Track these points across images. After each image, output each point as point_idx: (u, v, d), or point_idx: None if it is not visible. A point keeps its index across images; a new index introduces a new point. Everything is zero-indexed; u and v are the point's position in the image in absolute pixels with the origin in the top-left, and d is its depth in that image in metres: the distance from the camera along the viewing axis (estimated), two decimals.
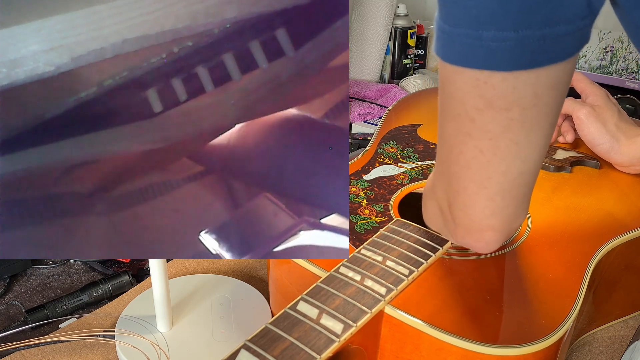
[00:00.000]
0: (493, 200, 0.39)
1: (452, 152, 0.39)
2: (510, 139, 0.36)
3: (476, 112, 0.36)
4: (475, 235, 0.42)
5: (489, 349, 0.42)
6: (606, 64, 1.13)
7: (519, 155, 0.37)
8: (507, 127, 0.36)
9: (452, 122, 0.38)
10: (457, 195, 0.41)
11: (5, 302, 0.65)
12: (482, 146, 0.37)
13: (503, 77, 0.33)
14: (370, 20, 1.21)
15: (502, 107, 0.35)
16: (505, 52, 0.32)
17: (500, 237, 0.42)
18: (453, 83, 0.36)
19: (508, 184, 0.39)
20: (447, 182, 0.42)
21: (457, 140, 0.38)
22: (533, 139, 0.37)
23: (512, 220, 0.41)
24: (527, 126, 0.36)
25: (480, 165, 0.38)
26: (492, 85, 0.34)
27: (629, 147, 0.65)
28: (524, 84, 0.34)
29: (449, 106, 0.38)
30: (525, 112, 0.35)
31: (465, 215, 0.41)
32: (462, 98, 0.36)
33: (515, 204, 0.40)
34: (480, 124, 0.36)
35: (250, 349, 0.39)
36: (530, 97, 0.34)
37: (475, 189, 0.39)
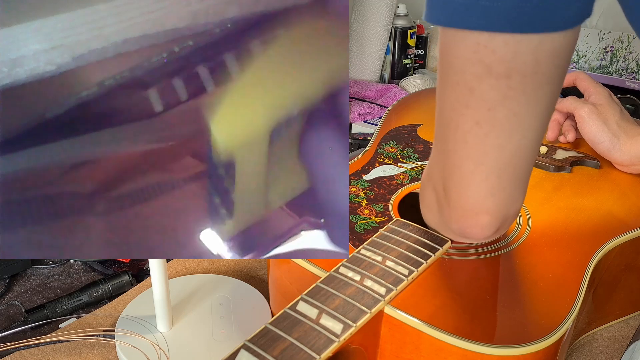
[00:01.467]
0: (489, 179, 0.39)
1: (450, 126, 0.39)
2: (510, 109, 0.36)
3: (475, 79, 0.35)
4: (469, 220, 0.41)
5: (488, 349, 0.42)
6: (606, 64, 1.13)
7: (517, 128, 0.36)
8: (506, 97, 0.35)
9: (450, 93, 0.37)
10: (452, 174, 0.40)
11: (5, 302, 0.65)
12: (480, 118, 0.36)
13: (504, 41, 0.33)
14: (370, 20, 1.21)
15: (501, 73, 0.34)
16: (506, 13, 0.32)
17: (495, 222, 0.41)
18: (453, 50, 0.35)
19: (505, 160, 0.38)
20: (443, 161, 0.41)
21: (454, 113, 0.38)
22: (532, 111, 0.36)
23: (508, 204, 0.40)
24: (526, 96, 0.35)
25: (477, 139, 0.37)
26: (493, 50, 0.33)
27: (630, 146, 0.65)
28: (525, 49, 0.33)
29: (447, 77, 0.37)
30: (526, 81, 0.34)
31: (460, 197, 0.41)
32: (461, 65, 0.35)
33: (511, 185, 0.39)
34: (479, 93, 0.36)
35: (250, 349, 0.39)
36: (531, 64, 0.34)
37: (471, 166, 0.39)
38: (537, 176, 0.66)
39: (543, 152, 0.70)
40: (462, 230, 0.43)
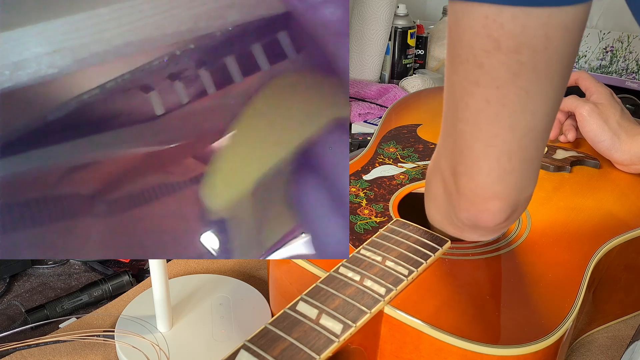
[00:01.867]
0: (499, 161, 0.38)
1: (459, 106, 0.38)
2: (520, 86, 0.35)
3: (485, 55, 0.34)
4: (479, 205, 0.40)
5: (488, 349, 0.42)
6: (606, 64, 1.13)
7: (528, 107, 0.35)
8: (517, 73, 0.34)
9: (459, 70, 0.36)
10: (462, 158, 0.39)
11: (5, 302, 0.65)
12: (490, 96, 0.35)
13: (513, 14, 0.32)
14: (370, 20, 1.21)
15: (511, 48, 0.33)
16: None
17: (506, 207, 0.40)
18: (461, 24, 0.34)
19: (516, 142, 0.37)
20: (452, 144, 0.40)
21: (463, 92, 0.37)
22: (543, 89, 0.35)
23: (519, 189, 0.39)
24: (537, 73, 0.34)
25: (487, 119, 0.36)
26: (501, 24, 0.33)
27: (630, 145, 0.65)
28: (535, 23, 0.32)
29: (456, 54, 0.36)
30: (536, 56, 0.33)
31: (469, 181, 0.40)
32: (470, 40, 0.34)
33: (522, 168, 0.38)
34: (488, 69, 0.35)
35: (249, 349, 0.39)
36: (541, 38, 0.33)
37: (481, 148, 0.38)
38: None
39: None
40: (473, 218, 0.42)
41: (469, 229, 0.45)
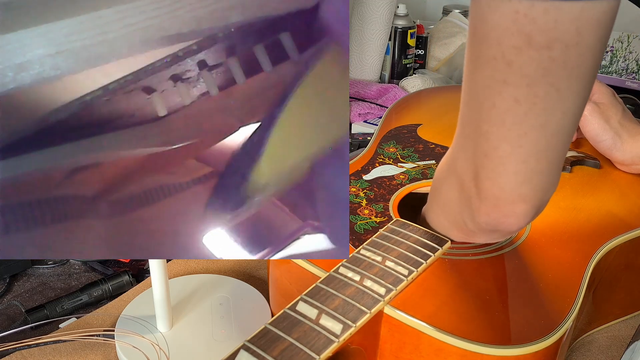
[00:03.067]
0: (527, 162, 0.37)
1: (483, 107, 0.37)
2: (551, 83, 0.34)
3: (514, 52, 0.33)
4: (504, 209, 0.39)
5: (488, 349, 0.42)
6: (606, 64, 1.13)
7: (558, 105, 0.35)
8: (547, 70, 0.33)
9: (485, 70, 0.35)
10: (486, 160, 0.38)
11: (5, 302, 0.65)
12: (519, 94, 0.34)
13: (545, 9, 0.31)
14: (370, 20, 1.21)
15: (542, 44, 0.32)
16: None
17: (531, 210, 0.39)
18: (489, 20, 0.34)
19: (545, 142, 0.36)
20: (473, 147, 0.39)
21: (490, 92, 0.36)
22: (574, 86, 0.34)
23: (545, 190, 0.39)
24: (568, 69, 0.33)
25: (516, 118, 0.35)
26: (533, 19, 0.32)
27: (631, 144, 0.65)
28: (567, 18, 0.32)
29: (482, 52, 0.35)
30: (568, 52, 0.33)
31: (493, 184, 0.38)
32: (498, 37, 0.33)
33: (549, 169, 0.38)
34: (518, 67, 0.34)
35: (249, 349, 0.39)
36: (573, 33, 0.32)
37: (508, 149, 0.37)
38: None
39: None
40: (494, 222, 0.41)
41: (484, 233, 0.44)
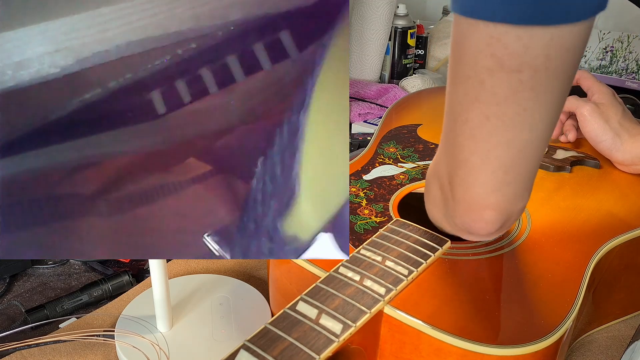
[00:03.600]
0: (495, 174, 0.39)
1: (458, 120, 0.39)
2: (519, 104, 0.36)
3: (486, 73, 0.35)
4: (474, 214, 0.41)
5: (488, 349, 0.42)
6: (606, 64, 1.13)
7: (526, 124, 0.36)
8: (517, 91, 0.35)
9: (461, 86, 0.37)
10: (459, 169, 0.40)
11: (5, 302, 0.65)
12: (489, 112, 0.36)
13: (517, 35, 0.33)
14: (370, 20, 1.21)
15: (513, 67, 0.34)
16: (524, 5, 0.32)
17: (499, 217, 0.41)
18: (466, 41, 0.35)
19: (512, 156, 0.38)
20: (450, 154, 0.41)
21: (464, 107, 0.38)
22: (542, 107, 0.36)
23: (514, 201, 0.40)
24: (536, 91, 0.35)
25: (486, 133, 0.37)
26: (505, 44, 0.34)
27: (631, 145, 0.65)
28: (537, 44, 0.33)
29: (459, 69, 0.37)
30: (536, 76, 0.34)
31: (465, 191, 0.41)
32: (473, 58, 0.35)
33: (517, 182, 0.39)
34: (490, 87, 0.36)
35: (249, 349, 0.39)
36: (542, 58, 0.34)
37: (478, 161, 0.39)
38: (537, 176, 0.66)
39: None
40: (467, 225, 0.43)
41: (461, 233, 0.46)
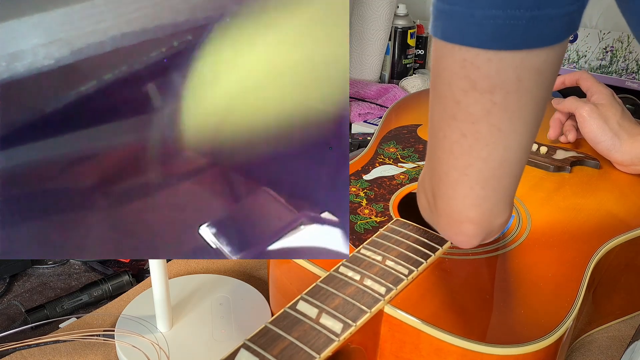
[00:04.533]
0: (473, 189, 0.40)
1: (437, 136, 0.40)
2: (493, 123, 0.37)
3: (461, 93, 0.36)
4: (454, 228, 0.42)
5: (488, 348, 0.42)
6: (606, 64, 1.13)
7: (501, 142, 0.38)
8: (490, 111, 0.36)
9: (439, 104, 0.39)
10: (439, 183, 0.41)
11: (5, 302, 0.65)
12: (465, 130, 0.38)
13: (488, 58, 0.34)
14: (370, 20, 1.21)
15: (485, 89, 0.35)
16: (495, 31, 0.33)
17: (479, 231, 0.42)
18: (442, 63, 0.37)
19: (489, 172, 0.39)
20: (432, 168, 0.42)
21: (442, 124, 0.39)
22: (516, 127, 0.37)
23: (493, 215, 0.41)
24: (509, 111, 0.36)
25: (462, 150, 0.38)
26: (477, 66, 0.35)
27: (631, 145, 0.65)
28: (508, 67, 0.34)
29: (437, 88, 0.38)
30: (508, 97, 0.35)
31: (446, 205, 0.42)
32: (449, 79, 0.37)
33: (496, 196, 0.40)
34: (464, 106, 0.37)
35: (249, 348, 0.39)
36: (513, 80, 0.35)
37: (456, 176, 0.40)
38: (537, 176, 0.66)
39: (543, 152, 0.70)
40: (449, 237, 0.44)
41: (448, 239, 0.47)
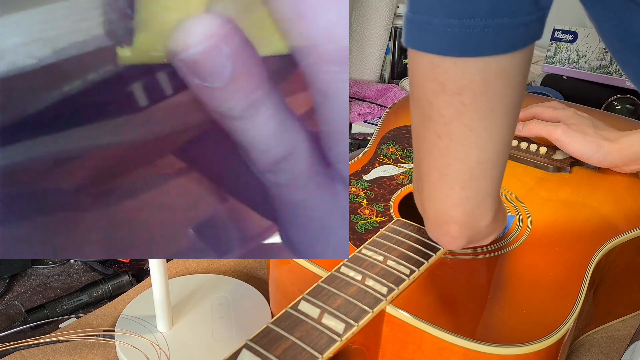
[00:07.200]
0: (454, 189, 0.40)
1: (418, 137, 0.41)
2: (465, 124, 0.37)
3: (433, 95, 0.37)
4: (440, 228, 0.43)
5: (490, 348, 0.42)
6: (606, 64, 1.13)
7: (475, 143, 0.38)
8: (460, 112, 0.37)
9: (417, 107, 0.40)
10: (423, 184, 0.42)
11: (5, 302, 0.64)
12: (440, 131, 0.38)
13: (453, 62, 0.35)
14: (370, 20, 1.21)
15: (454, 91, 0.36)
16: (452, 38, 0.34)
17: (463, 232, 0.42)
18: (414, 67, 0.38)
19: (467, 172, 0.39)
20: (417, 170, 0.43)
21: (421, 125, 0.40)
22: (488, 127, 0.38)
23: (476, 216, 0.41)
24: (479, 112, 0.37)
25: (440, 150, 0.39)
26: (444, 70, 0.36)
27: (617, 151, 0.64)
28: (473, 70, 0.35)
29: (413, 91, 0.39)
30: (477, 98, 0.36)
31: (431, 206, 0.42)
32: (421, 81, 0.38)
33: (477, 197, 0.41)
34: (437, 108, 0.38)
35: (251, 348, 0.39)
36: (479, 83, 0.35)
37: (437, 176, 0.40)
38: (537, 176, 0.66)
39: (543, 152, 0.70)
40: (435, 238, 0.45)
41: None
